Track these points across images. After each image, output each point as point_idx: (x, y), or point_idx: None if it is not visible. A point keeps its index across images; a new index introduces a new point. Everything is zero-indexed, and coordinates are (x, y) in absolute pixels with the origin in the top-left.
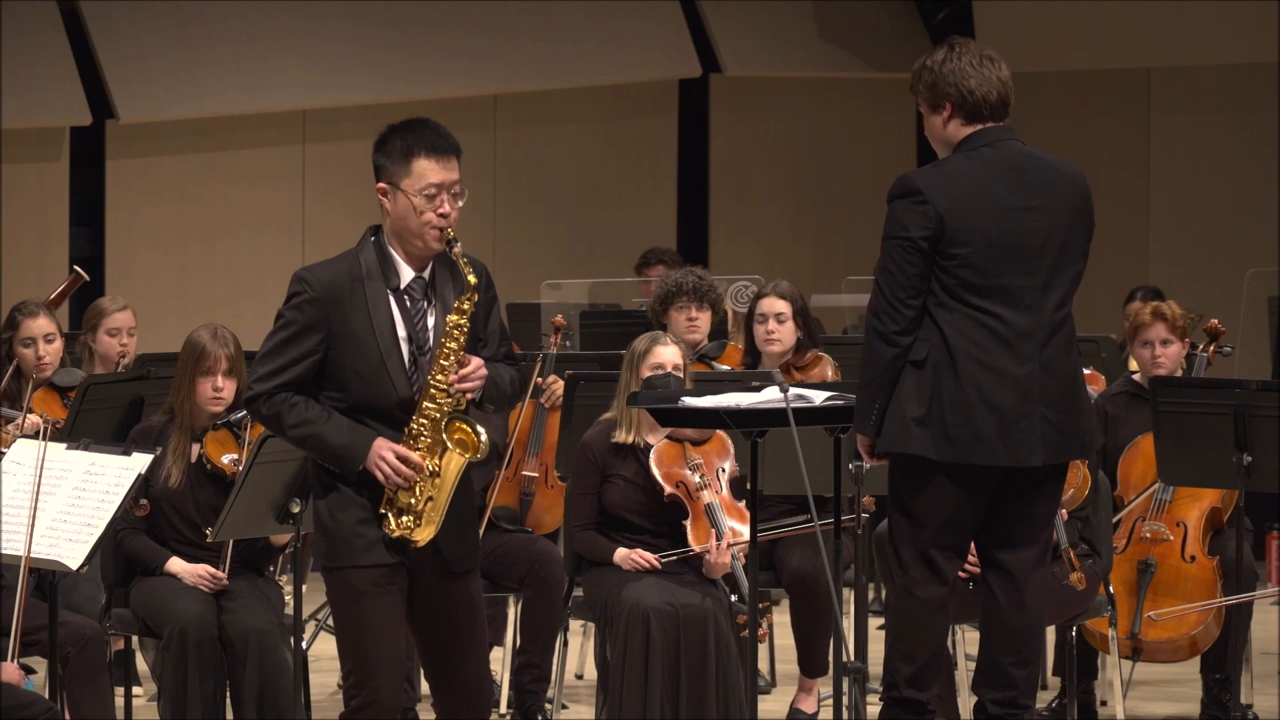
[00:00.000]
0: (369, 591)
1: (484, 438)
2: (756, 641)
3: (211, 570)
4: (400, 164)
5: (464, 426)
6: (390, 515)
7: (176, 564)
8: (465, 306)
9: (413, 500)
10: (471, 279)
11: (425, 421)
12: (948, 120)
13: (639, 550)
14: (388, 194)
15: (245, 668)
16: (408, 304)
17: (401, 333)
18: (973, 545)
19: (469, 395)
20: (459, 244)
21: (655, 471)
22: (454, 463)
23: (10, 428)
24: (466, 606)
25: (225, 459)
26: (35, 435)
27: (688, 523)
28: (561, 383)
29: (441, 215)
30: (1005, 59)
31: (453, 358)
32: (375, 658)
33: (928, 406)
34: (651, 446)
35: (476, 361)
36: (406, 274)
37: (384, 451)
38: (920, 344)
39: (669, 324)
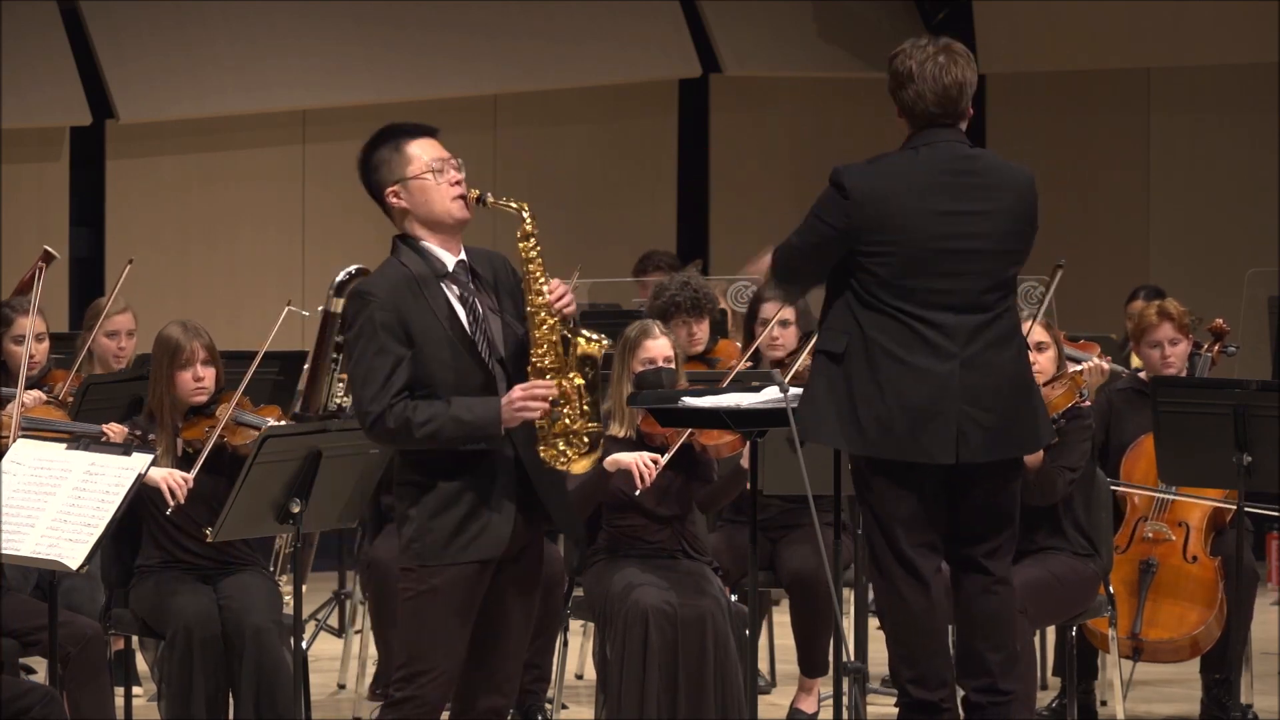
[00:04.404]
0: (449, 592)
1: (604, 340)
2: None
3: (181, 473)
4: (395, 159)
5: (579, 339)
6: (551, 446)
7: (154, 472)
8: (529, 229)
9: (567, 422)
10: (518, 205)
11: (543, 349)
12: (899, 116)
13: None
14: (400, 192)
15: (243, 665)
16: (457, 290)
17: (463, 316)
18: None
19: (569, 308)
20: (490, 195)
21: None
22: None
23: (10, 406)
24: (536, 588)
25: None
26: (50, 402)
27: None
28: None
29: (456, 184)
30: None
31: (541, 277)
32: (435, 658)
33: (840, 398)
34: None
35: (556, 280)
36: (450, 260)
37: (513, 396)
38: (838, 335)
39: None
